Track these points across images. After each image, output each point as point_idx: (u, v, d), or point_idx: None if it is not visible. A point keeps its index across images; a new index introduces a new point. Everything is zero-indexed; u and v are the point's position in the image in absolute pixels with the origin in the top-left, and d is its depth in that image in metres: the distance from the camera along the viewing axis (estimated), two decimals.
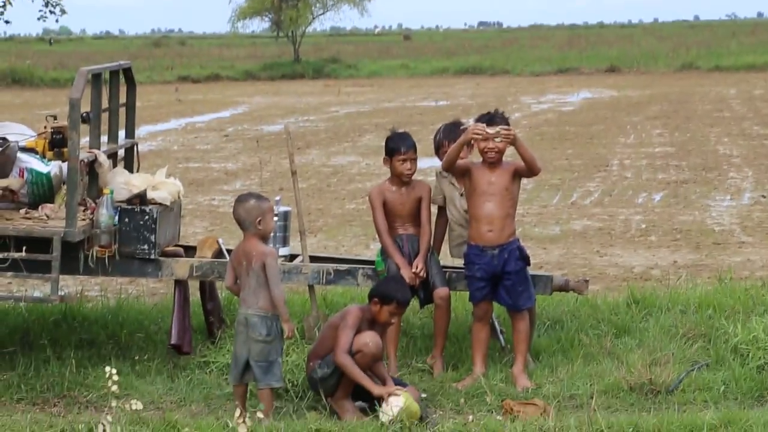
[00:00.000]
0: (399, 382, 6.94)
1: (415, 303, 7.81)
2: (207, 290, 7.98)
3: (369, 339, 6.75)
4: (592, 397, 6.73)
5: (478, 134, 7.32)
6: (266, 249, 6.70)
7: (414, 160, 7.65)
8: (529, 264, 7.48)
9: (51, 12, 21.34)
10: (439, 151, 7.81)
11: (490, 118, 7.55)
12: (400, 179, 7.65)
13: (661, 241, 12.16)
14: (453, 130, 7.78)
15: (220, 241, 8.01)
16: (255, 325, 6.58)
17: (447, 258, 7.94)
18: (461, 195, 7.63)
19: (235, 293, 6.87)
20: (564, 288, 7.87)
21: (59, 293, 7.26)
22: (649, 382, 7.03)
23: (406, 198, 7.65)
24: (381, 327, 6.93)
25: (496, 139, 7.29)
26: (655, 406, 6.81)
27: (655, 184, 15.94)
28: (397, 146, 7.63)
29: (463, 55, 43.15)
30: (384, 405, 6.54)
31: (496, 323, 7.92)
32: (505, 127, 7.38)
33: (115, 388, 5.62)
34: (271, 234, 6.93)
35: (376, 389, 6.66)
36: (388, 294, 6.87)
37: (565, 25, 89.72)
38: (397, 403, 6.50)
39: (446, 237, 7.88)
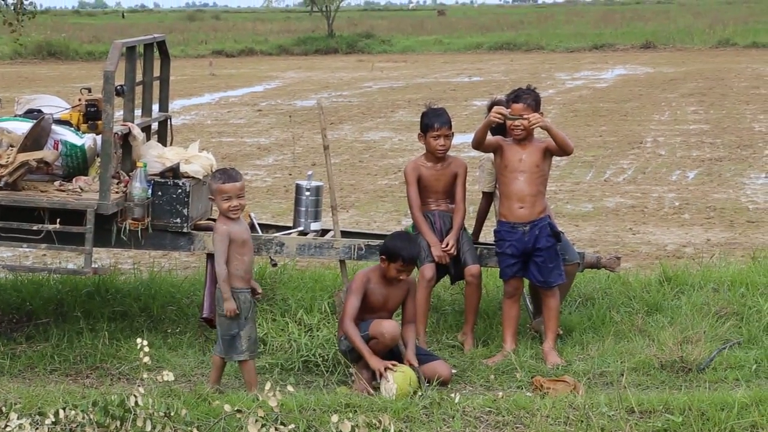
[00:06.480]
0: (427, 354, 6.96)
1: (446, 280, 7.83)
2: None
3: (386, 330, 6.76)
4: (622, 375, 6.72)
5: (498, 117, 7.30)
6: (215, 225, 6.71)
7: (448, 136, 7.64)
8: (560, 240, 7.46)
9: None
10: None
11: (517, 96, 7.51)
12: (434, 155, 7.65)
13: (694, 219, 12.08)
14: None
15: (252, 215, 8.04)
16: (219, 299, 6.63)
17: (486, 237, 7.93)
18: None
19: None
20: (596, 265, 7.85)
21: (92, 265, 7.31)
22: (680, 360, 7.02)
23: (441, 174, 7.65)
24: (395, 283, 6.91)
25: (524, 122, 7.25)
26: (686, 384, 6.79)
27: (689, 161, 15.83)
28: (431, 122, 7.63)
29: (497, 31, 42.96)
30: (381, 380, 6.58)
31: (527, 300, 7.92)
32: (535, 115, 7.31)
33: (147, 360, 5.64)
34: (240, 214, 6.70)
35: (373, 362, 6.68)
36: (394, 251, 6.85)
37: (600, 0, 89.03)
38: (388, 386, 6.52)
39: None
